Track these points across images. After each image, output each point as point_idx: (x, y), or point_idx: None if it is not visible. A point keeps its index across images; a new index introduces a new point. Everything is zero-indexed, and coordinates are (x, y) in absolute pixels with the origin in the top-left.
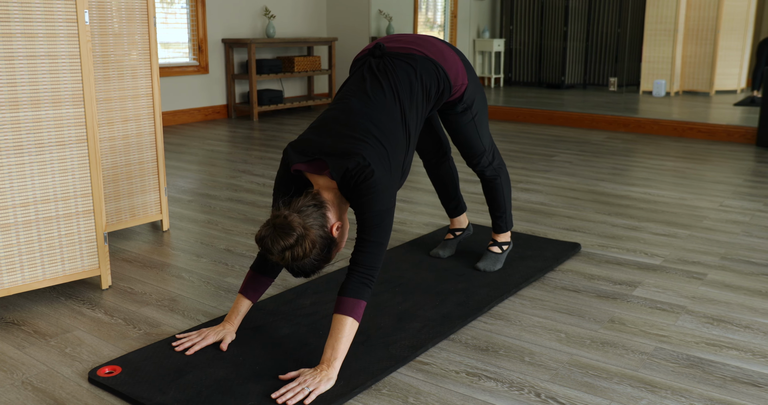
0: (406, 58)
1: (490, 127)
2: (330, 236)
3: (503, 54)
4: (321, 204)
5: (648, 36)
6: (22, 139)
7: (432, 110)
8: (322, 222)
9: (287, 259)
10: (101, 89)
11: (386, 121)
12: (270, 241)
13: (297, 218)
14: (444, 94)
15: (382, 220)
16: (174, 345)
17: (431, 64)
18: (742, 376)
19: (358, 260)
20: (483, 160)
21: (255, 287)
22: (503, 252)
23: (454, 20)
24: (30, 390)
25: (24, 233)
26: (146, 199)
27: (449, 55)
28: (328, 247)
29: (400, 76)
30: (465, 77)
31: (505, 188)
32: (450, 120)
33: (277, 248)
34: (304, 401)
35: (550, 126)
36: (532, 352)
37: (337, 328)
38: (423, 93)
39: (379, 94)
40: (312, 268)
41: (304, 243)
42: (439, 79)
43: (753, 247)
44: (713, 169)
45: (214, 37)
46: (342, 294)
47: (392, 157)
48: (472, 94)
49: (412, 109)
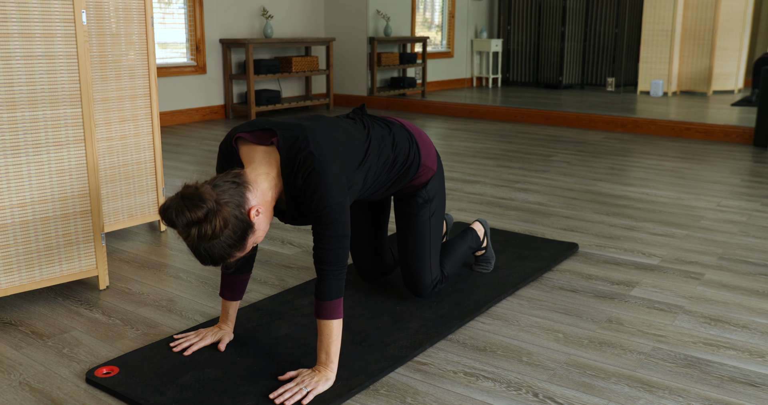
0: (383, 121)
1: (487, 127)
2: (247, 219)
3: (501, 54)
4: (242, 183)
5: (645, 36)
6: (19, 140)
7: (392, 187)
8: (240, 201)
9: (193, 236)
10: (99, 89)
11: (352, 133)
12: (174, 213)
13: (210, 190)
14: (411, 170)
15: (338, 214)
16: (171, 345)
17: (407, 134)
18: (739, 376)
19: (324, 259)
20: (425, 278)
21: (231, 287)
22: (486, 249)
23: (451, 20)
24: (27, 390)
25: (21, 234)
26: (144, 200)
27: (426, 137)
28: (243, 231)
29: (375, 127)
30: (435, 164)
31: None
32: (406, 214)
33: (181, 221)
34: (302, 401)
35: (548, 126)
36: (529, 352)
37: (326, 332)
38: (392, 152)
39: (350, 122)
40: (221, 254)
41: (215, 220)
42: (410, 149)
43: (750, 247)
44: (711, 169)
45: (212, 38)
46: (321, 298)
47: (347, 156)
48: (436, 186)
49: (378, 155)
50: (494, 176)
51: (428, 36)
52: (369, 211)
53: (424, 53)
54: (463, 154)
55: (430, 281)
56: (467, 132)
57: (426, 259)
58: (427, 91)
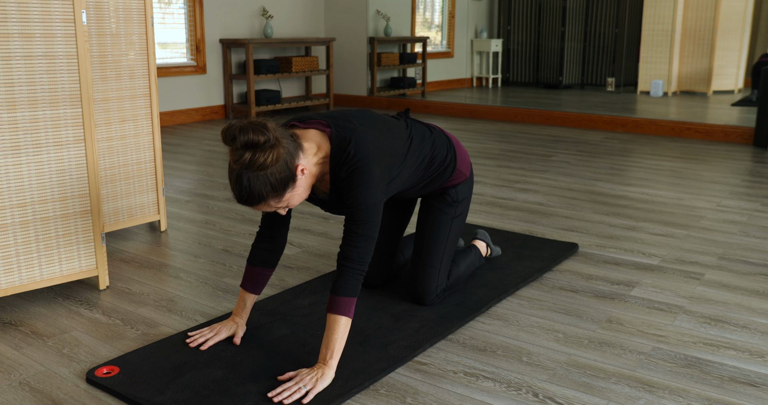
0: (424, 124)
1: (487, 127)
2: (294, 171)
3: (501, 54)
4: (299, 143)
5: (645, 36)
6: (19, 140)
7: (427, 186)
8: (293, 152)
9: (245, 160)
10: (99, 89)
11: (395, 132)
12: (239, 129)
13: (275, 126)
14: (446, 171)
15: (371, 215)
16: (187, 341)
17: (445, 138)
18: (739, 376)
19: (348, 255)
20: (431, 280)
21: (254, 280)
22: (492, 251)
23: (451, 20)
24: (27, 391)
25: (21, 234)
26: (144, 200)
27: (462, 146)
28: (286, 178)
29: (417, 126)
30: (468, 171)
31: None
32: (431, 209)
33: (242, 139)
34: (302, 400)
35: (548, 126)
36: (529, 352)
37: (333, 327)
38: (431, 151)
39: (394, 120)
40: (259, 190)
41: (270, 151)
42: (447, 152)
43: (750, 247)
44: (711, 169)
45: (212, 38)
46: (336, 293)
47: (390, 158)
48: (466, 191)
49: (418, 154)
50: (494, 176)
51: (428, 36)
52: (393, 214)
53: (424, 53)
54: None
55: (435, 286)
56: (467, 132)
57: (437, 260)
58: (427, 91)
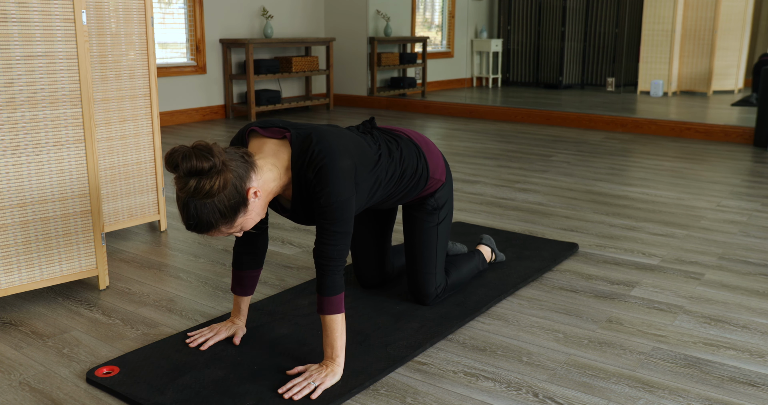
0: (391, 134)
1: (487, 127)
2: (244, 195)
3: (501, 54)
4: (250, 163)
5: (645, 36)
6: (19, 140)
7: (401, 199)
8: (243, 175)
9: (189, 188)
10: (99, 89)
11: (363, 143)
12: (181, 156)
13: (221, 150)
14: (420, 183)
15: (344, 211)
16: (187, 342)
17: (414, 148)
18: (739, 376)
19: (326, 254)
20: (430, 285)
21: (243, 283)
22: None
23: (451, 20)
24: (27, 390)
25: (21, 234)
26: (144, 200)
27: (434, 148)
28: (237, 204)
29: (384, 141)
30: (443, 175)
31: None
32: (414, 221)
33: (185, 166)
34: (311, 396)
35: (548, 126)
36: (529, 352)
37: (332, 326)
38: (399, 166)
39: (362, 135)
40: (208, 218)
41: (216, 178)
42: (418, 163)
43: (750, 247)
44: (711, 169)
45: (212, 38)
46: (325, 294)
47: (359, 158)
48: (445, 195)
49: (387, 169)
50: (494, 176)
51: (428, 36)
52: (375, 219)
53: (424, 53)
54: (463, 154)
55: (434, 289)
56: (467, 132)
57: (432, 266)
58: (427, 91)
